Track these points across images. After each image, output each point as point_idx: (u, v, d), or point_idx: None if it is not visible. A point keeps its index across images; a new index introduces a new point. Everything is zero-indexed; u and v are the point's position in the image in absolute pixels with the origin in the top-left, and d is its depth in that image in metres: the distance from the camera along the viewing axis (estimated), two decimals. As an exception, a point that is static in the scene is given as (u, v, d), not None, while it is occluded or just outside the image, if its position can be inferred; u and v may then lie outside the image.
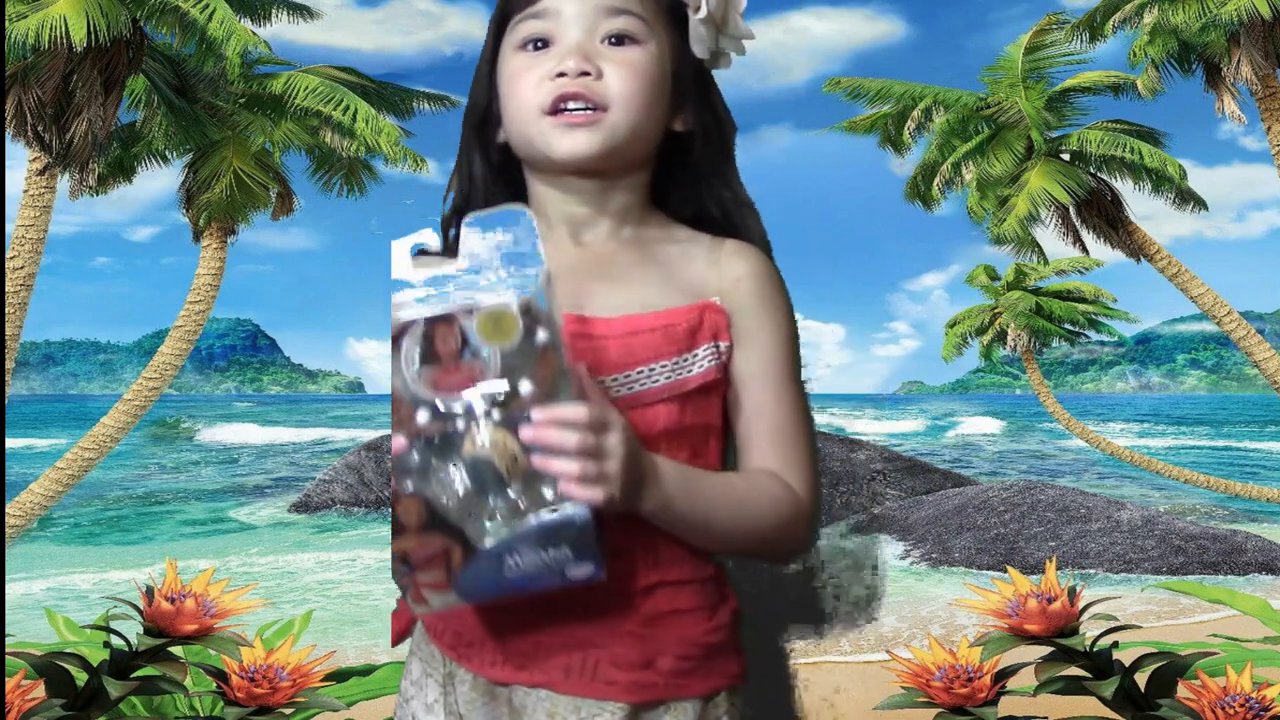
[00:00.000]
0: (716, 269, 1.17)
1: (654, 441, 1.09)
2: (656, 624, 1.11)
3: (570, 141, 1.13)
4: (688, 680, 1.12)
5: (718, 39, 1.21)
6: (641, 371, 1.11)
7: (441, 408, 0.95)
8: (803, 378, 1.20)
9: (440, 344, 0.95)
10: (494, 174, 1.23)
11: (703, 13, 1.18)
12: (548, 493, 0.95)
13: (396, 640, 1.17)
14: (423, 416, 0.95)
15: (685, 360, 1.12)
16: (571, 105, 1.13)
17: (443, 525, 0.95)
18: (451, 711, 1.14)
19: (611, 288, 1.15)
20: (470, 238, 0.96)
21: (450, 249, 1.12)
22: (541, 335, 0.93)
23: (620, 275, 1.16)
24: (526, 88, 1.15)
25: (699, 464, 1.13)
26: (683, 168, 1.22)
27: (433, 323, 0.94)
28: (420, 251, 1.13)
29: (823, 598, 1.42)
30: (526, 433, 0.95)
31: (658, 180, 1.22)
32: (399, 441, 0.96)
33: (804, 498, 1.15)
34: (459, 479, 0.95)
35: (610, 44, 1.14)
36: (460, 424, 0.95)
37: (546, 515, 0.94)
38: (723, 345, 1.14)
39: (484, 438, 0.94)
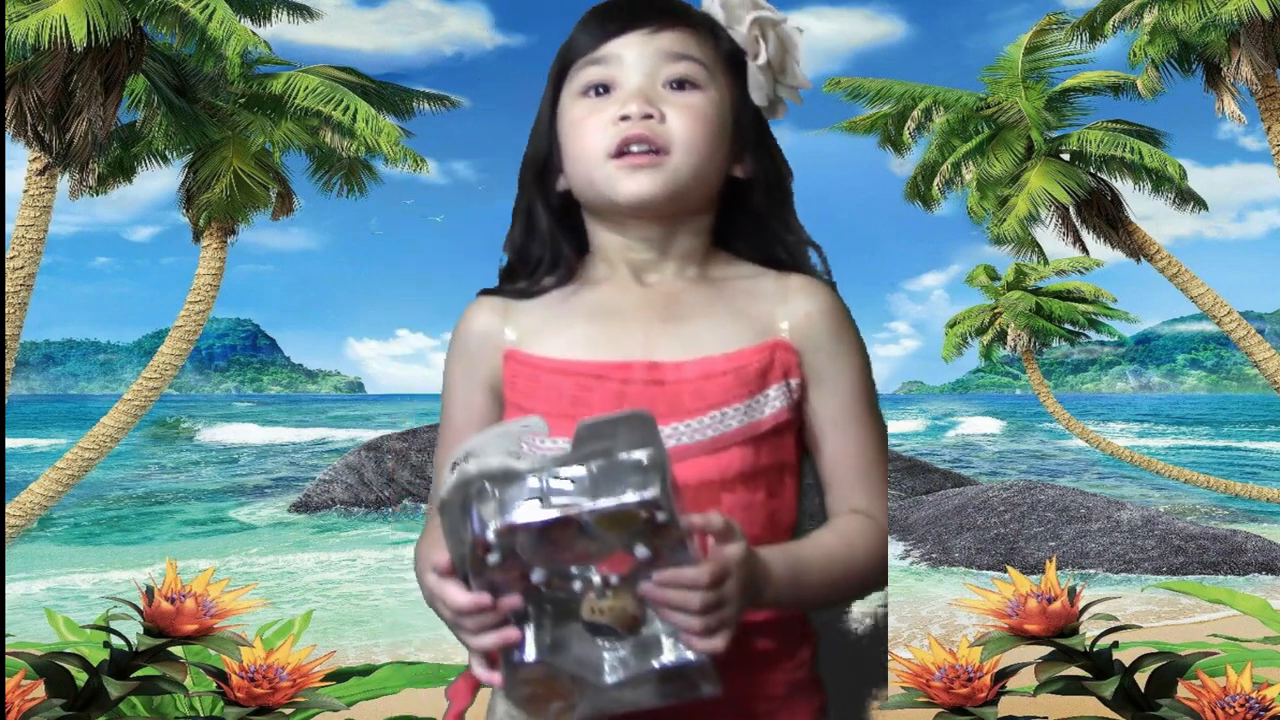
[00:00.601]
0: (785, 305, 1.17)
1: (730, 484, 1.11)
2: (746, 668, 1.11)
3: (634, 184, 1.13)
4: (775, 718, 1.13)
5: (775, 87, 1.21)
6: (715, 416, 1.11)
7: (557, 572, 0.94)
8: (878, 403, 1.22)
9: (557, 531, 0.92)
10: (555, 221, 1.22)
11: (762, 60, 1.19)
12: (667, 641, 0.95)
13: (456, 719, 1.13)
14: (537, 576, 0.94)
15: (758, 402, 1.13)
16: (635, 148, 1.13)
17: (561, 673, 0.95)
18: None
19: (679, 329, 1.15)
20: (585, 438, 0.93)
21: (515, 291, 1.18)
22: (660, 517, 0.91)
23: (687, 315, 1.16)
24: (590, 133, 1.15)
25: (776, 503, 1.14)
26: (744, 214, 1.22)
27: (551, 523, 0.91)
28: (487, 291, 1.19)
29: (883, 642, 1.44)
30: (649, 592, 0.93)
31: (720, 225, 1.22)
32: (513, 600, 0.93)
33: (884, 524, 1.18)
34: (578, 637, 0.95)
35: (672, 88, 1.15)
36: (578, 586, 0.94)
37: (668, 659, 0.95)
38: (793, 383, 1.15)
39: (603, 603, 0.94)
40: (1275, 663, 2.38)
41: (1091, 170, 14.27)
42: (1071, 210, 14.25)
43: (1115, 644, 2.33)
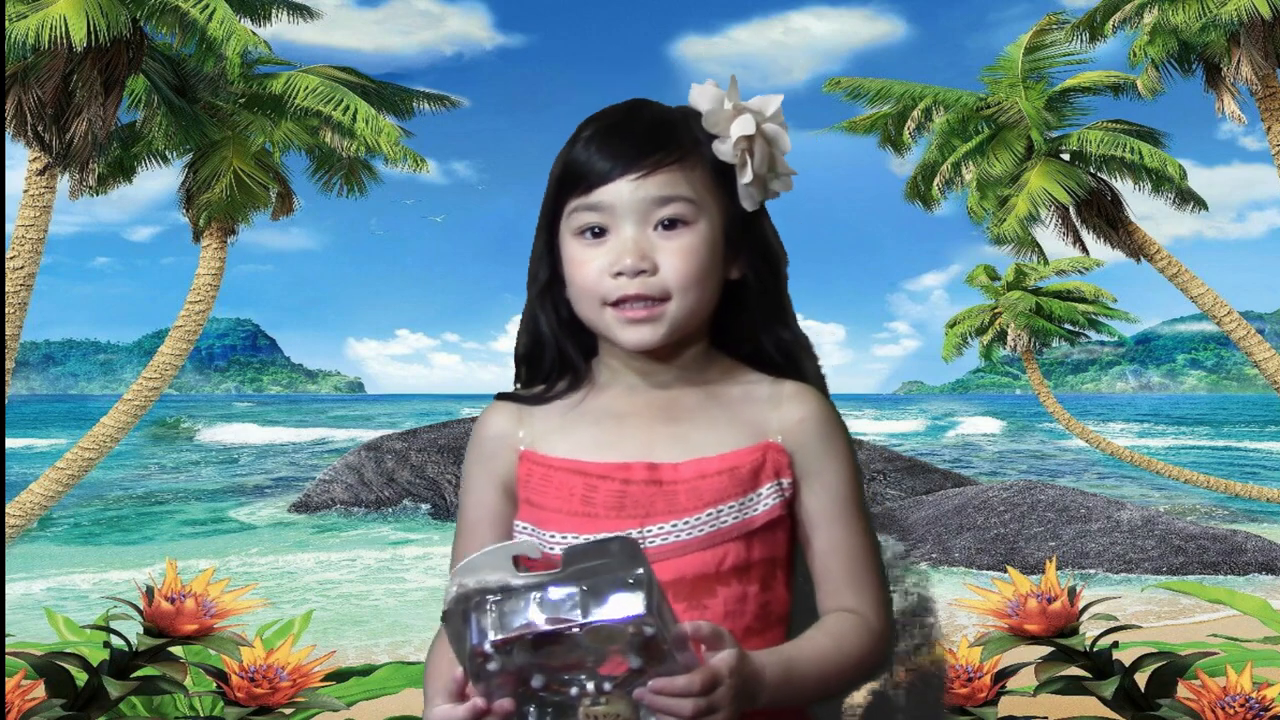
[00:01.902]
0: (778, 411, 1.24)
1: (725, 578, 1.18)
2: None
3: (635, 335, 1.20)
4: None
5: (765, 188, 1.25)
6: (710, 514, 1.18)
7: (555, 679, 0.99)
8: (868, 506, 1.27)
9: (550, 642, 0.97)
10: (564, 332, 1.28)
11: (748, 178, 1.23)
12: None
13: None
14: (537, 682, 0.99)
15: (751, 500, 1.19)
16: (631, 305, 1.19)
17: None
18: None
19: (677, 431, 1.22)
20: (575, 558, 0.98)
21: (529, 397, 1.26)
22: (648, 630, 0.97)
23: (685, 418, 1.23)
24: (588, 279, 1.21)
25: (769, 595, 1.20)
26: (738, 309, 1.27)
27: (538, 636, 0.97)
28: (503, 396, 1.27)
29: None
30: (645, 698, 0.99)
31: (716, 319, 1.27)
32: (504, 704, 0.99)
33: (878, 624, 1.22)
34: None
35: (663, 229, 1.19)
36: (574, 691, 0.99)
37: None
38: (785, 482, 1.21)
39: (598, 709, 1.00)
40: (1275, 663, 2.38)
41: (1091, 170, 14.27)
42: (1071, 210, 14.26)
43: (1115, 644, 2.33)
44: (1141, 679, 2.28)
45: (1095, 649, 2.31)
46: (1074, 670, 2.30)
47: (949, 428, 43.56)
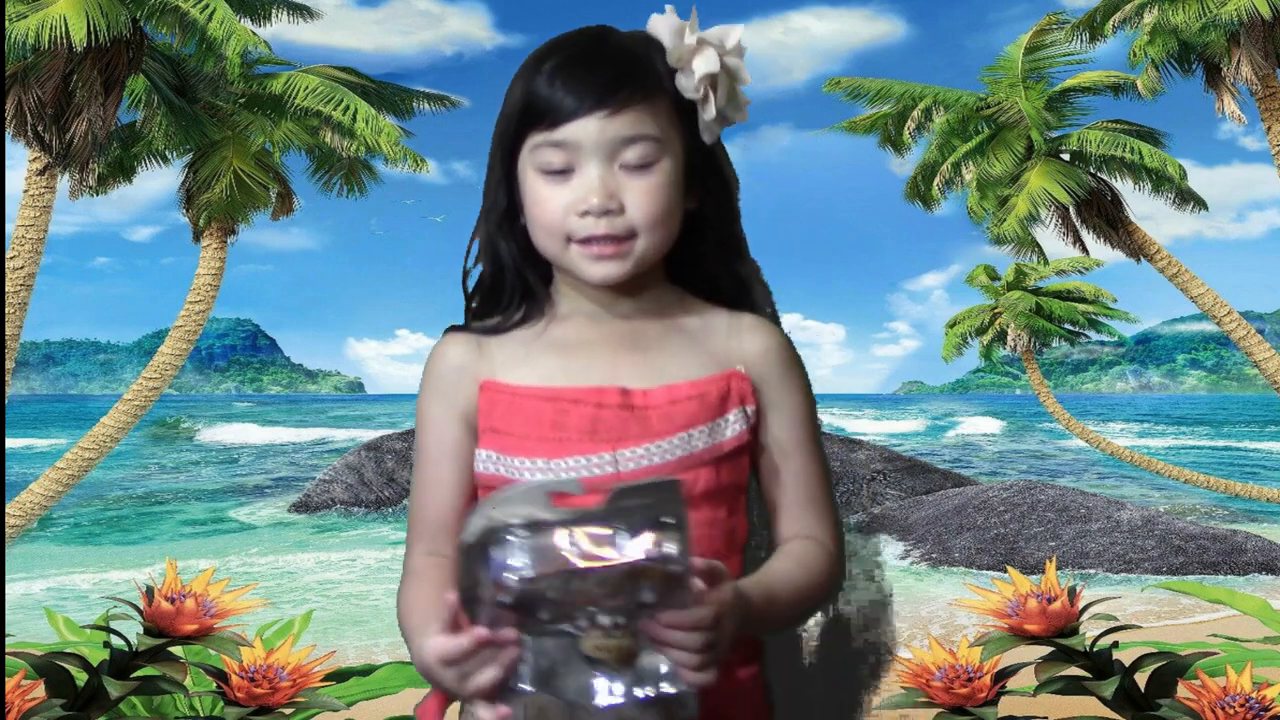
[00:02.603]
0: (739, 342, 1.26)
1: (697, 502, 1.19)
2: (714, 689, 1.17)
3: (601, 271, 1.20)
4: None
5: (724, 121, 1.25)
6: (682, 438, 1.19)
7: (564, 613, 0.99)
8: (821, 435, 1.29)
9: (577, 580, 0.97)
10: (521, 258, 1.27)
11: (711, 114, 1.22)
12: (661, 673, 1.02)
13: None
14: (544, 615, 0.99)
15: (719, 425, 1.21)
16: (599, 241, 1.19)
17: (555, 701, 1.01)
18: None
19: (644, 359, 1.23)
20: (620, 497, 0.98)
21: (485, 328, 1.26)
22: (674, 568, 0.98)
23: (651, 347, 1.24)
24: (552, 216, 1.20)
25: (735, 520, 1.23)
26: (695, 239, 1.28)
27: (569, 573, 0.97)
28: (456, 328, 1.26)
29: (854, 657, 1.51)
30: (655, 632, 0.99)
31: (672, 249, 1.27)
32: (509, 633, 0.99)
33: (834, 549, 1.26)
34: (574, 667, 1.01)
35: (628, 169, 1.19)
36: (582, 624, 0.99)
37: (661, 690, 1.01)
38: (750, 410, 1.23)
39: (608, 641, 1.00)
40: (1275, 663, 2.38)
41: (1091, 170, 14.27)
42: (1071, 210, 14.26)
43: (1115, 644, 2.33)
44: (1141, 679, 2.28)
45: (1095, 649, 2.31)
46: (1074, 670, 2.30)
47: (949, 428, 43.56)
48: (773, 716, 1.26)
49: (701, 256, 1.29)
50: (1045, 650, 2.34)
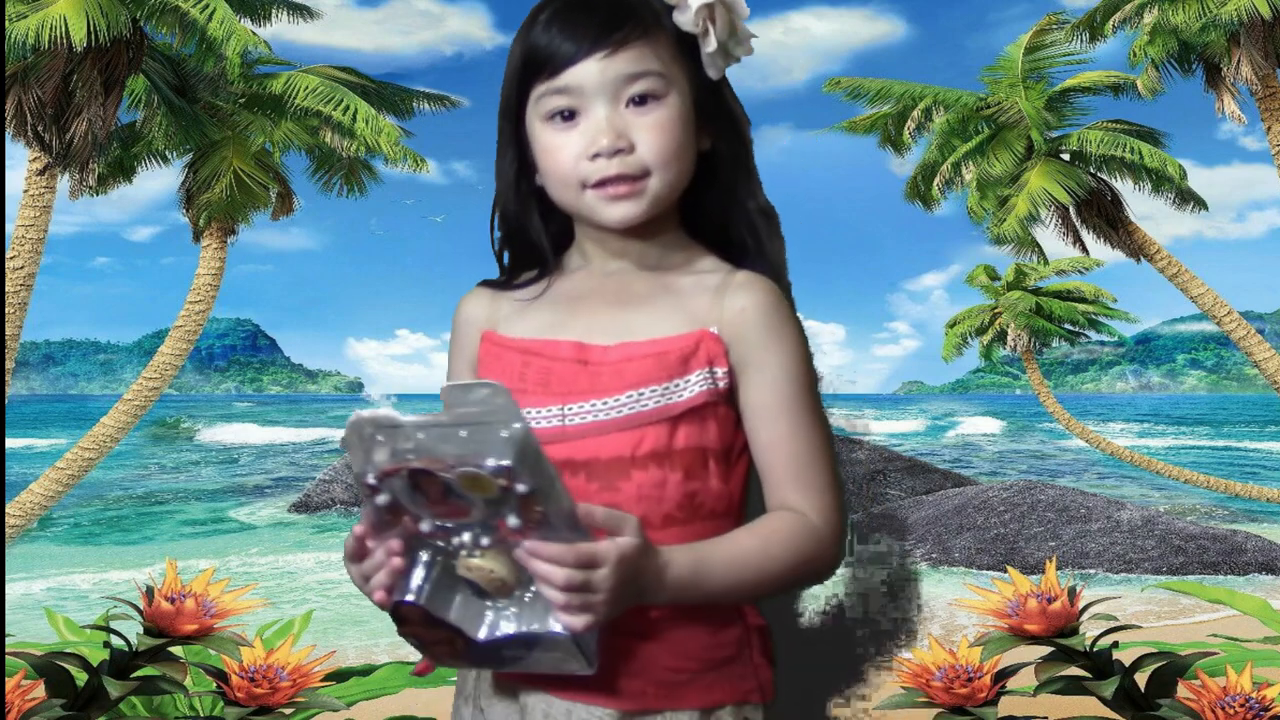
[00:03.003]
0: (722, 300, 1.20)
1: (643, 462, 1.15)
2: (651, 636, 1.15)
3: (618, 212, 1.19)
4: (683, 692, 1.16)
5: (728, 54, 1.24)
6: (632, 396, 1.16)
7: (442, 526, 1.01)
8: (820, 403, 1.22)
9: (426, 484, 0.98)
10: (537, 218, 1.27)
11: (713, 45, 1.21)
12: (543, 613, 1.02)
13: (426, 669, 1.21)
14: (426, 527, 1.01)
15: (676, 385, 1.16)
16: (613, 183, 1.18)
17: (441, 622, 1.03)
18: (478, 706, 1.22)
19: (618, 314, 1.21)
20: (448, 397, 0.98)
21: (505, 283, 1.28)
22: (521, 487, 0.96)
23: (631, 303, 1.22)
24: (564, 164, 1.19)
25: (696, 486, 1.17)
26: (706, 182, 1.26)
27: (416, 472, 0.98)
28: (485, 282, 1.29)
29: (855, 641, 1.48)
30: (519, 556, 1.00)
31: (686, 194, 1.25)
32: (394, 545, 1.02)
33: (822, 525, 1.17)
34: (463, 593, 1.03)
35: (635, 105, 1.18)
36: (455, 541, 1.01)
37: (534, 628, 1.03)
38: (719, 371, 1.18)
39: (472, 560, 1.01)
40: (1275, 663, 2.38)
41: (1091, 170, 14.27)
42: (1071, 210, 14.26)
43: (1115, 644, 2.33)
44: (1141, 679, 2.28)
45: (1095, 649, 2.31)
46: (1074, 670, 2.30)
47: (949, 428, 43.56)
48: (756, 699, 1.22)
49: (717, 199, 1.27)
50: (1045, 650, 2.34)
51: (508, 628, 1.03)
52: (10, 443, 16.36)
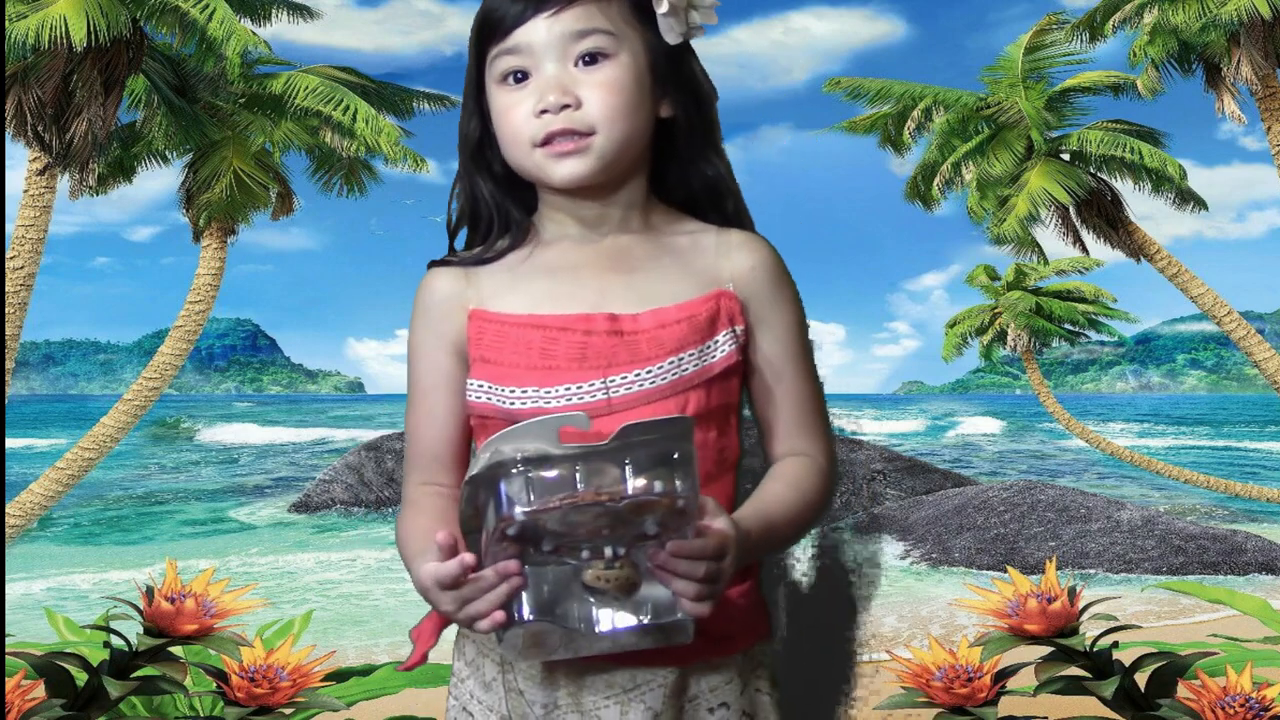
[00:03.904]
0: (728, 259, 1.24)
1: None
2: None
3: (565, 169, 1.19)
4: (732, 640, 1.22)
5: (686, 20, 1.24)
6: (673, 362, 1.18)
7: (567, 545, 1.01)
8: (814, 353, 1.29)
9: (583, 515, 0.98)
10: (501, 191, 1.28)
11: (665, 7, 1.21)
12: (660, 602, 1.04)
13: (419, 661, 1.20)
14: (547, 546, 1.01)
15: (709, 347, 1.20)
16: (559, 139, 1.19)
17: (555, 629, 1.04)
18: (511, 688, 1.21)
19: (632, 280, 1.22)
20: (629, 433, 0.99)
21: (470, 259, 1.25)
22: (680, 504, 0.99)
23: (638, 268, 1.23)
24: (515, 123, 1.20)
25: (725, 441, 1.22)
26: (670, 149, 1.27)
27: (575, 506, 0.98)
28: (437, 262, 1.26)
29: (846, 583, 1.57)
30: (663, 561, 1.02)
31: (651, 163, 1.27)
32: (512, 564, 1.01)
33: (827, 464, 1.26)
34: (574, 595, 1.04)
35: (584, 64, 1.19)
36: (585, 555, 1.02)
37: (659, 619, 1.04)
38: (739, 329, 1.22)
39: (610, 572, 1.02)
40: (1275, 663, 2.38)
41: (1091, 170, 14.27)
42: (1071, 210, 14.25)
43: (1115, 644, 2.33)
44: (1141, 679, 2.28)
45: (1095, 649, 2.31)
46: (1074, 670, 2.30)
47: (949, 428, 43.52)
48: (771, 635, 1.28)
49: (677, 166, 1.28)
50: (1045, 650, 2.34)
51: (629, 621, 1.04)
52: (10, 443, 16.34)
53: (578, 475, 0.97)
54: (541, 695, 1.19)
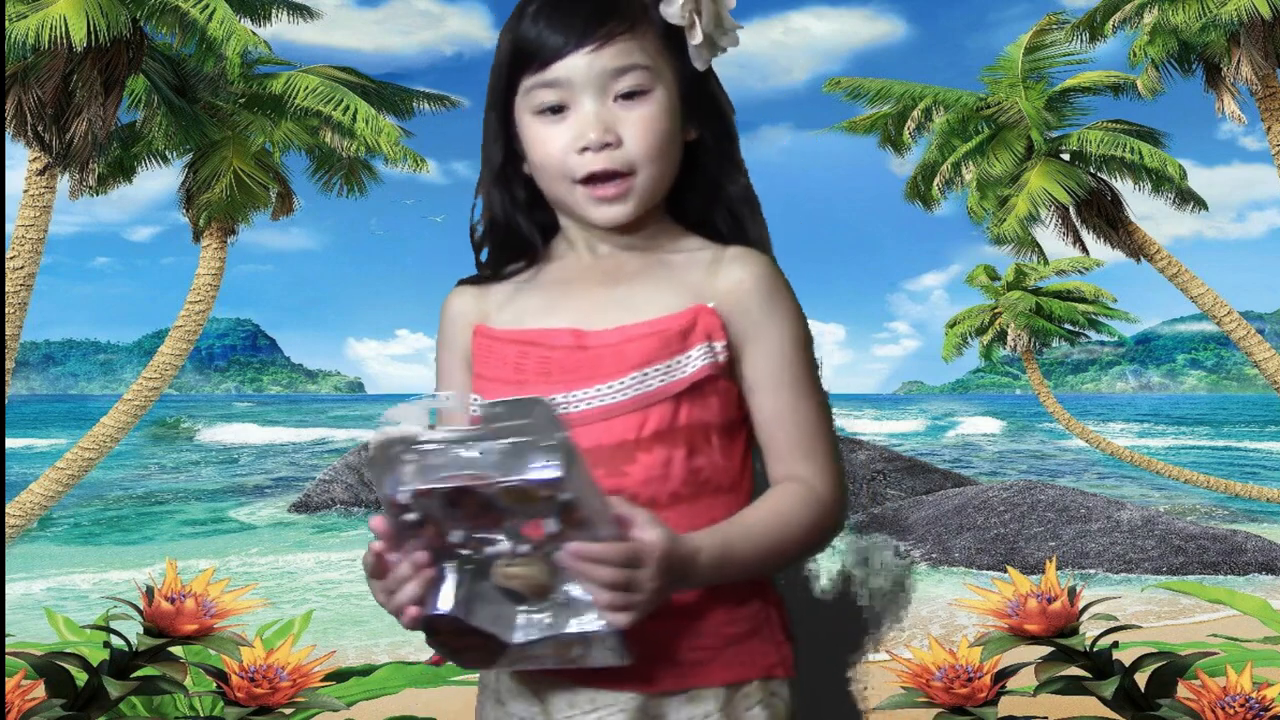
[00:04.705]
0: (716, 275, 1.20)
1: (647, 443, 1.15)
2: (671, 618, 1.14)
3: (607, 213, 1.20)
4: (706, 670, 1.17)
5: (715, 45, 1.24)
6: (636, 377, 1.16)
7: (474, 536, 1.00)
8: (818, 372, 1.24)
9: (463, 499, 0.98)
10: (521, 211, 1.28)
11: (698, 39, 1.21)
12: (581, 611, 1.02)
13: (441, 659, 1.20)
14: (455, 537, 1.00)
15: (679, 362, 1.16)
16: (601, 181, 1.18)
17: (475, 630, 1.02)
18: (500, 700, 1.22)
19: (613, 296, 1.21)
20: (488, 413, 0.97)
21: (485, 272, 1.27)
22: (566, 495, 0.97)
23: (624, 283, 1.22)
24: (554, 157, 1.19)
25: (701, 461, 1.17)
26: (691, 170, 1.26)
27: (455, 490, 0.97)
28: (465, 280, 1.27)
29: (861, 608, 1.47)
30: (563, 559, 1.00)
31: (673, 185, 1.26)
32: (421, 558, 1.01)
33: (825, 492, 1.19)
34: (494, 597, 1.02)
35: (623, 100, 1.18)
36: (489, 551, 1.01)
37: (575, 628, 1.02)
38: (718, 345, 1.17)
39: (512, 569, 1.01)
40: (1275, 663, 2.38)
41: (1091, 170, 14.27)
42: (1071, 210, 14.26)
43: (1115, 644, 2.33)
44: (1141, 679, 2.28)
45: (1095, 649, 2.31)
46: (1074, 670, 2.30)
47: (949, 428, 43.55)
48: (778, 672, 1.23)
49: (701, 187, 1.27)
50: (1045, 650, 2.34)
51: (544, 629, 1.03)
52: (10, 443, 16.34)
53: (455, 458, 0.96)
54: (520, 708, 1.19)
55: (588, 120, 1.17)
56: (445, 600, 1.01)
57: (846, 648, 1.42)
